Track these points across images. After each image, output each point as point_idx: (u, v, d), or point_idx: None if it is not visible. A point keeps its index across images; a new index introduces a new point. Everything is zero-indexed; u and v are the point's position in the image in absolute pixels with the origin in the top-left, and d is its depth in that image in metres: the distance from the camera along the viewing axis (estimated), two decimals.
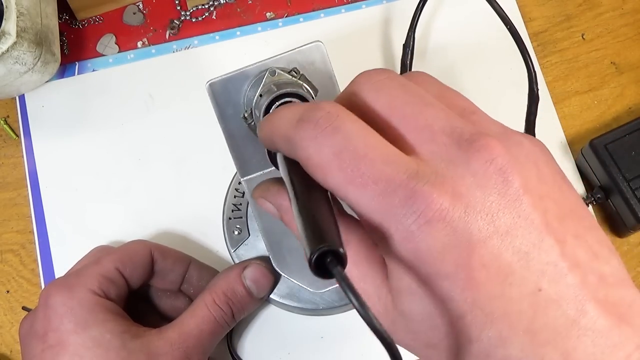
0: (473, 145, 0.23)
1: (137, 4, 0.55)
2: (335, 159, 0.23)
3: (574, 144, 0.53)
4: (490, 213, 0.22)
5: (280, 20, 0.55)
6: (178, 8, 0.55)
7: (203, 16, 0.55)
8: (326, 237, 0.22)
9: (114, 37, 0.54)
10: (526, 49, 0.48)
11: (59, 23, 0.52)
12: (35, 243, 0.49)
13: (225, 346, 0.46)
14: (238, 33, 0.54)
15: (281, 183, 0.29)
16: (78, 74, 0.53)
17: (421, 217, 0.22)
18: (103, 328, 0.37)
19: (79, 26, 0.54)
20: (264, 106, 0.32)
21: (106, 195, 0.50)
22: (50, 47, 0.48)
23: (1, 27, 0.44)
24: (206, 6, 0.55)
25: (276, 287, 0.45)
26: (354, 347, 0.47)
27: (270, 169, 0.37)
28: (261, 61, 0.35)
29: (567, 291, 0.22)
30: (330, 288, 0.42)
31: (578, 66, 0.55)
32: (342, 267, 0.22)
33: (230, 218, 0.47)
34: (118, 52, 0.53)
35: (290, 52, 0.35)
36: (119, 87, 0.52)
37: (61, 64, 0.51)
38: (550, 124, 0.53)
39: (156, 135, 0.51)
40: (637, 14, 0.57)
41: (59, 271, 0.48)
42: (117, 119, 0.52)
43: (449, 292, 0.22)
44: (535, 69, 0.48)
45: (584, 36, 0.56)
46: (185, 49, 0.54)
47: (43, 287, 0.47)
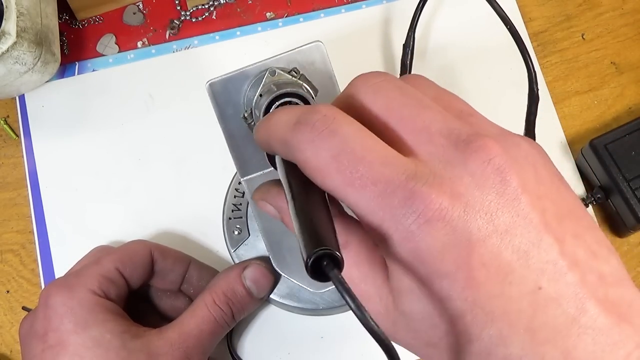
0: (470, 145, 0.23)
1: (137, 4, 0.55)
2: (333, 162, 0.23)
3: (574, 144, 0.53)
4: (489, 212, 0.22)
5: (280, 20, 0.55)
6: (178, 8, 0.55)
7: (203, 16, 0.55)
8: (323, 240, 0.22)
9: (114, 37, 0.54)
10: (526, 49, 0.48)
11: (59, 23, 0.52)
12: (35, 243, 0.49)
13: (225, 346, 0.46)
14: (238, 33, 0.54)
15: (281, 185, 0.29)
16: (78, 74, 0.53)
17: (420, 217, 0.22)
18: (103, 328, 0.37)
19: (79, 26, 0.54)
20: (264, 106, 0.32)
21: (106, 195, 0.50)
22: (50, 47, 0.48)
23: (1, 27, 0.44)
24: (206, 6, 0.55)
25: (276, 287, 0.45)
26: (354, 347, 0.47)
27: (270, 169, 0.37)
28: (261, 61, 0.35)
29: (567, 290, 0.22)
30: (330, 288, 0.42)
31: (578, 66, 0.55)
32: (339, 270, 0.22)
33: (230, 218, 0.47)
34: (118, 52, 0.53)
35: (290, 52, 0.35)
36: (119, 87, 0.52)
37: (61, 64, 0.51)
38: (550, 124, 0.53)
39: (156, 135, 0.51)
40: (637, 14, 0.57)
41: (59, 271, 0.48)
42: (117, 119, 0.52)
43: (449, 291, 0.23)
44: (535, 69, 0.48)
45: (584, 36, 0.56)
46: (185, 49, 0.54)
47: (43, 287, 0.47)
